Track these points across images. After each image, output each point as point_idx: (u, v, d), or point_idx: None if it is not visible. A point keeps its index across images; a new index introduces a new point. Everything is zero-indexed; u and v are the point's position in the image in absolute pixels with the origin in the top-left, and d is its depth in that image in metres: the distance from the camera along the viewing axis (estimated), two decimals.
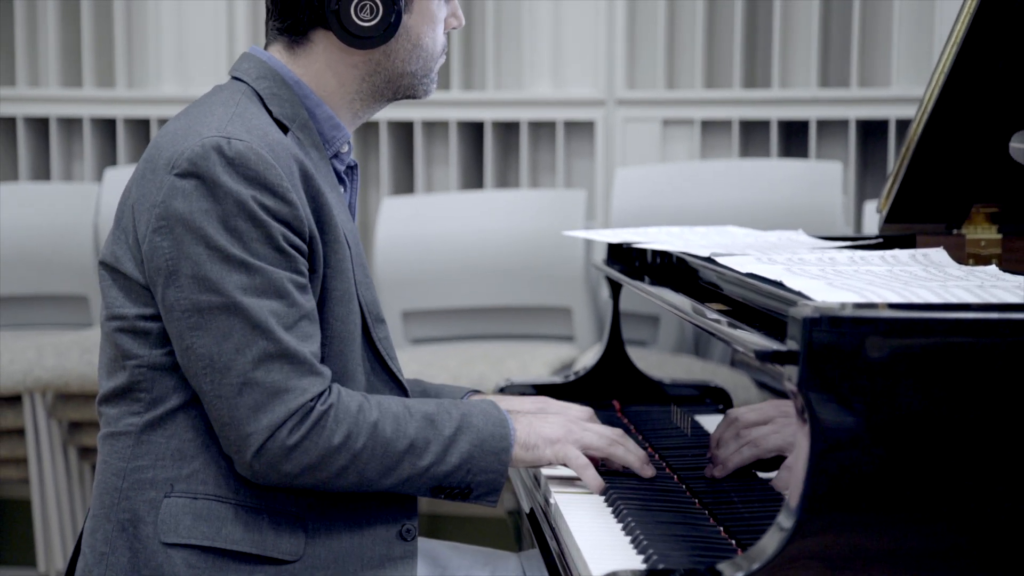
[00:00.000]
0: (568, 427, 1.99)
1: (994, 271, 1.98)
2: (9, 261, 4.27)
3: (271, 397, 1.81)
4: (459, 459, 1.89)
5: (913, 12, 4.06)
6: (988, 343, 1.55)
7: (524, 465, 1.97)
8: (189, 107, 1.96)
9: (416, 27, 1.99)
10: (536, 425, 1.97)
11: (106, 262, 1.92)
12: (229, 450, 1.85)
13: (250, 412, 1.81)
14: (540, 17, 4.27)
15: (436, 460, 1.88)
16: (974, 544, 1.55)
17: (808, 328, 1.53)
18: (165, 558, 1.86)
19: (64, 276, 4.25)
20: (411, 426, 1.88)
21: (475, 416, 1.92)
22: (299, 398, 1.81)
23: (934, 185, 2.50)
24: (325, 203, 1.89)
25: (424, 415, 1.90)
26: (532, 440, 1.96)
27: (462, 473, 1.90)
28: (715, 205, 3.89)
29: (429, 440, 1.88)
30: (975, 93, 2.36)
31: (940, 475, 1.55)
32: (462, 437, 1.90)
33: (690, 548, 1.77)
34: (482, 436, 1.91)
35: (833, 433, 1.54)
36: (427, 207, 4.19)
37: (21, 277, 4.28)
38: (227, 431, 1.83)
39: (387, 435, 1.86)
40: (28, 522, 4.24)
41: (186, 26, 4.44)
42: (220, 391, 1.82)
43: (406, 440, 1.87)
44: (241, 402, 1.81)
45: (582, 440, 1.99)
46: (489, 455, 1.91)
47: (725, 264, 2.03)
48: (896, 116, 4.03)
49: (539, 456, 1.96)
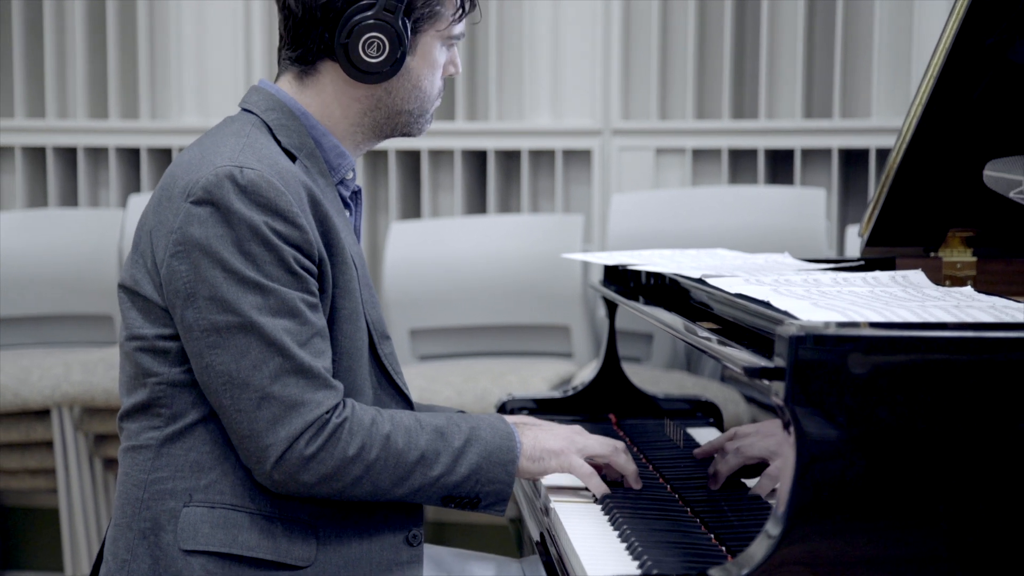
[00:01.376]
0: (571, 438, 2.00)
1: (969, 292, 1.98)
2: (39, 282, 4.27)
3: (288, 410, 1.81)
4: (468, 470, 1.89)
5: (892, 47, 4.06)
6: (964, 360, 1.55)
7: (531, 475, 1.97)
8: (202, 137, 1.96)
9: (417, 69, 1.99)
10: (541, 437, 1.97)
11: (125, 285, 1.92)
12: (249, 462, 1.84)
13: (269, 425, 1.81)
14: (540, 52, 4.27)
15: (446, 471, 1.88)
16: (951, 550, 1.55)
17: (794, 346, 1.53)
18: (184, 564, 1.85)
19: (90, 297, 4.25)
20: (422, 438, 1.88)
21: (483, 429, 1.92)
22: (315, 411, 1.81)
23: (912, 210, 2.50)
24: (332, 227, 1.90)
25: (434, 428, 1.89)
26: (538, 452, 1.96)
27: (471, 483, 1.89)
28: (705, 229, 3.89)
29: (439, 451, 1.88)
30: (951, 124, 2.36)
31: (919, 485, 1.55)
32: (471, 449, 1.89)
33: (682, 554, 1.77)
34: (490, 448, 1.91)
35: (818, 445, 1.53)
36: (433, 231, 4.19)
37: (50, 298, 4.28)
38: (247, 443, 1.83)
39: (399, 446, 1.86)
40: (56, 529, 4.23)
41: (205, 61, 4.44)
42: (240, 405, 1.81)
43: (417, 451, 1.87)
44: (260, 415, 1.81)
45: (585, 449, 1.99)
46: (497, 466, 1.90)
47: (715, 285, 2.03)
48: (876, 145, 4.03)
49: (545, 467, 1.96)
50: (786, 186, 4.09)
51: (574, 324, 4.03)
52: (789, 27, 4.12)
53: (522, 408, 2.66)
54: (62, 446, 3.82)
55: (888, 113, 4.06)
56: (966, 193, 2.43)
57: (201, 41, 4.44)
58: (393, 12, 1.92)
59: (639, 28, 4.22)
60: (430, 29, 1.98)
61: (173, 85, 4.48)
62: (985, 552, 1.55)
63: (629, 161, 4.21)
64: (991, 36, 2.24)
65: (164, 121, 4.49)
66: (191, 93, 4.47)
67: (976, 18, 2.21)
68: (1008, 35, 2.24)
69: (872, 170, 4.05)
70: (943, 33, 2.26)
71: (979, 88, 2.32)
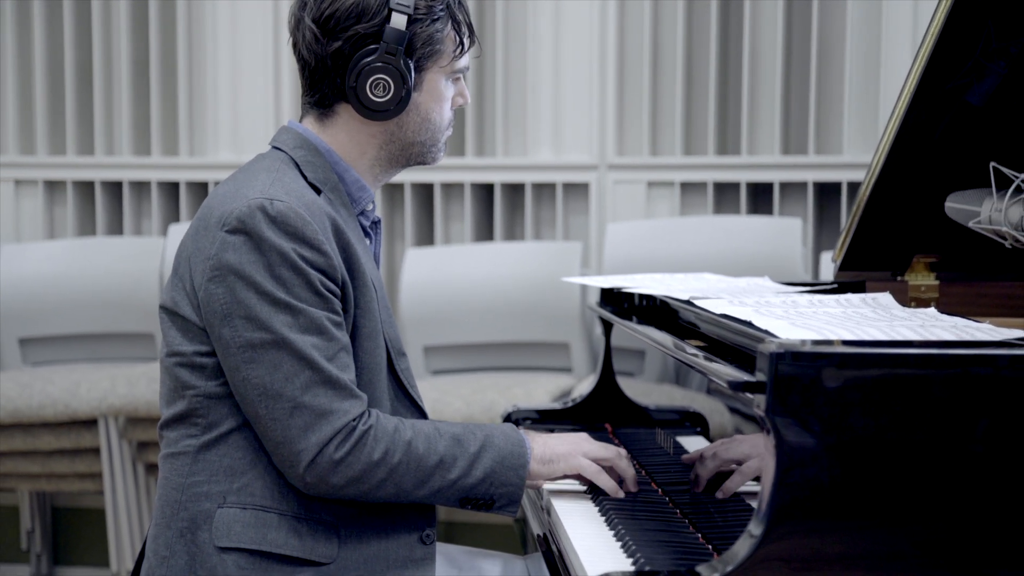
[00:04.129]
0: (577, 443, 2.00)
1: (933, 313, 1.97)
2: (87, 304, 4.27)
3: (319, 418, 1.81)
4: (483, 473, 1.88)
5: (861, 90, 4.06)
6: (928, 374, 1.55)
7: (541, 478, 1.96)
8: (236, 172, 1.97)
9: (425, 103, 1.99)
10: (550, 443, 1.97)
11: (165, 306, 1.92)
12: (283, 466, 1.84)
13: (301, 432, 1.81)
14: (542, 94, 4.27)
15: (463, 474, 1.87)
16: (917, 547, 1.54)
17: (774, 361, 1.53)
18: (219, 560, 1.85)
19: (134, 317, 4.25)
20: (441, 444, 1.87)
21: (496, 436, 1.92)
22: (343, 418, 1.81)
23: (881, 238, 2.50)
24: (354, 253, 1.90)
25: (452, 435, 1.89)
26: (548, 455, 1.95)
27: (486, 486, 1.89)
28: (692, 255, 3.88)
29: (456, 456, 1.88)
30: (915, 159, 2.36)
31: (888, 487, 1.54)
32: (485, 454, 1.89)
33: (672, 552, 1.76)
34: (503, 453, 1.90)
35: (796, 452, 1.53)
36: (445, 257, 4.19)
37: (98, 318, 4.28)
38: (281, 449, 1.82)
39: (420, 452, 1.86)
40: (102, 528, 4.22)
41: (238, 103, 4.45)
42: (274, 415, 1.81)
43: (436, 456, 1.87)
44: (293, 423, 1.81)
45: (590, 453, 1.99)
46: (509, 470, 1.90)
47: (702, 306, 2.03)
48: (847, 179, 4.02)
49: (554, 469, 1.96)
50: (766, 216, 4.08)
51: (573, 341, 4.02)
52: (768, 71, 4.12)
53: (526, 418, 2.66)
54: (108, 453, 3.81)
55: (858, 150, 4.06)
56: (929, 222, 2.43)
57: (235, 85, 4.45)
58: (395, 54, 1.92)
59: (632, 72, 4.22)
60: (433, 66, 1.98)
61: (209, 125, 4.49)
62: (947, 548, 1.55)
63: (623, 193, 4.21)
64: (951, 81, 2.24)
65: (201, 157, 4.50)
66: (225, 132, 4.47)
67: (937, 64, 2.21)
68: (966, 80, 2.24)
69: (844, 202, 4.05)
70: (908, 77, 2.26)
71: (940, 127, 2.32)
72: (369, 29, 1.92)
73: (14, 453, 3.87)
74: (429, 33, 1.95)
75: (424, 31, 1.95)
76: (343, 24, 1.92)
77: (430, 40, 1.96)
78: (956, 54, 2.20)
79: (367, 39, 1.92)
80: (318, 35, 1.93)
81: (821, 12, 4.06)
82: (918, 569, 1.54)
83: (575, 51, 4.22)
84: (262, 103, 4.42)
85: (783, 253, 3.87)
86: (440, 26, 1.96)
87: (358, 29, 1.92)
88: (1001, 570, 1.55)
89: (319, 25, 1.93)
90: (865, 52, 4.05)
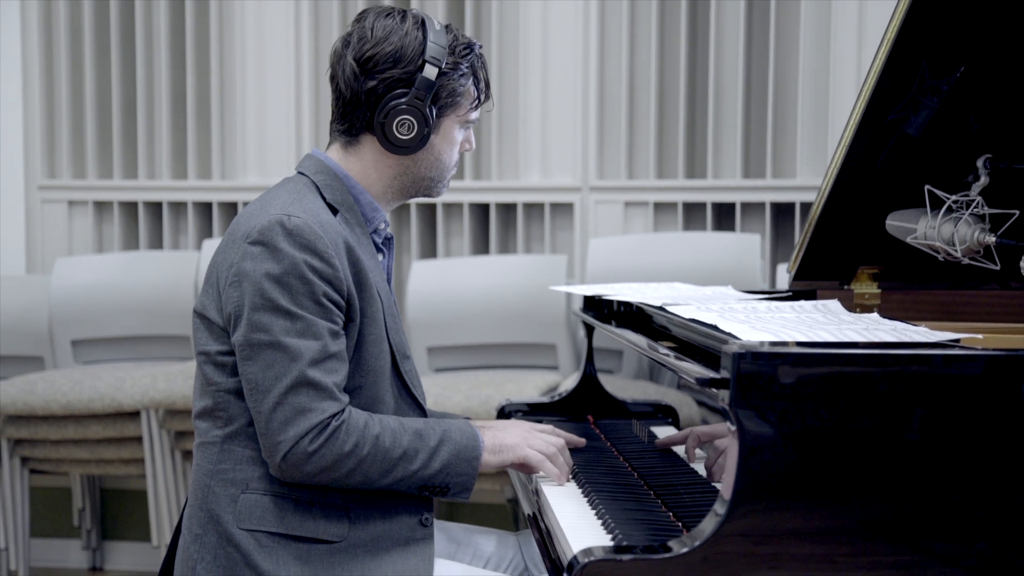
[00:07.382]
0: (524, 435, 1.98)
1: (875, 318, 1.97)
2: (132, 310, 4.26)
3: (297, 415, 1.79)
4: (441, 464, 1.87)
5: (812, 122, 4.06)
6: (872, 372, 1.55)
7: (493, 467, 1.95)
8: (264, 193, 1.97)
9: (439, 145, 1.99)
10: (499, 436, 1.95)
11: (197, 311, 1.92)
12: (265, 455, 1.83)
13: (281, 425, 1.80)
14: (531, 125, 4.27)
15: (423, 465, 1.86)
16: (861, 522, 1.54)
17: (736, 360, 1.53)
18: (243, 538, 1.84)
19: (172, 321, 4.24)
20: (404, 438, 1.86)
21: (453, 431, 1.90)
22: (319, 416, 1.80)
23: (830, 252, 2.50)
24: (363, 268, 1.89)
25: (415, 430, 1.87)
26: (497, 446, 1.94)
27: (442, 476, 1.87)
28: (665, 267, 3.88)
29: (418, 450, 1.86)
30: (859, 183, 2.36)
31: (836, 471, 1.54)
32: (443, 448, 1.87)
33: (647, 529, 1.76)
34: (458, 447, 1.89)
35: (756, 440, 1.53)
36: (447, 269, 4.18)
37: (140, 322, 4.27)
38: (263, 439, 1.82)
39: (386, 445, 1.84)
40: (144, 507, 4.21)
41: (264, 133, 4.45)
42: (260, 408, 1.81)
43: (400, 449, 1.85)
44: (275, 417, 1.80)
45: (535, 445, 1.97)
46: (464, 462, 1.88)
47: (673, 311, 2.02)
48: (801, 200, 4.02)
49: (503, 459, 1.94)
50: (729, 232, 4.08)
51: (559, 343, 4.02)
52: (731, 105, 4.12)
53: (518, 410, 2.65)
54: (149, 441, 3.80)
55: (810, 174, 4.06)
56: (872, 238, 2.43)
57: (261, 117, 4.44)
58: (423, 100, 1.92)
59: (611, 106, 4.22)
60: (451, 114, 1.98)
61: (239, 151, 4.48)
62: (886, 523, 1.54)
63: (603, 212, 4.21)
64: (890, 114, 2.25)
65: (231, 180, 4.49)
66: (253, 158, 4.47)
67: (879, 99, 2.21)
68: (904, 113, 2.24)
69: (797, 220, 4.04)
70: (852, 111, 2.26)
71: (881, 155, 2.32)
72: (403, 75, 1.91)
73: (67, 441, 3.86)
74: (454, 86, 1.95)
75: (450, 83, 1.94)
76: (381, 67, 1.91)
77: (453, 92, 1.95)
78: (895, 90, 2.21)
79: (400, 83, 1.91)
80: (357, 72, 1.92)
81: (777, 52, 4.07)
82: (862, 541, 1.54)
83: (561, 87, 4.23)
84: (284, 133, 4.41)
85: (744, 265, 3.87)
86: (464, 81, 1.96)
87: (393, 73, 1.91)
88: (934, 542, 1.55)
89: (359, 64, 1.92)
90: (815, 88, 4.05)
